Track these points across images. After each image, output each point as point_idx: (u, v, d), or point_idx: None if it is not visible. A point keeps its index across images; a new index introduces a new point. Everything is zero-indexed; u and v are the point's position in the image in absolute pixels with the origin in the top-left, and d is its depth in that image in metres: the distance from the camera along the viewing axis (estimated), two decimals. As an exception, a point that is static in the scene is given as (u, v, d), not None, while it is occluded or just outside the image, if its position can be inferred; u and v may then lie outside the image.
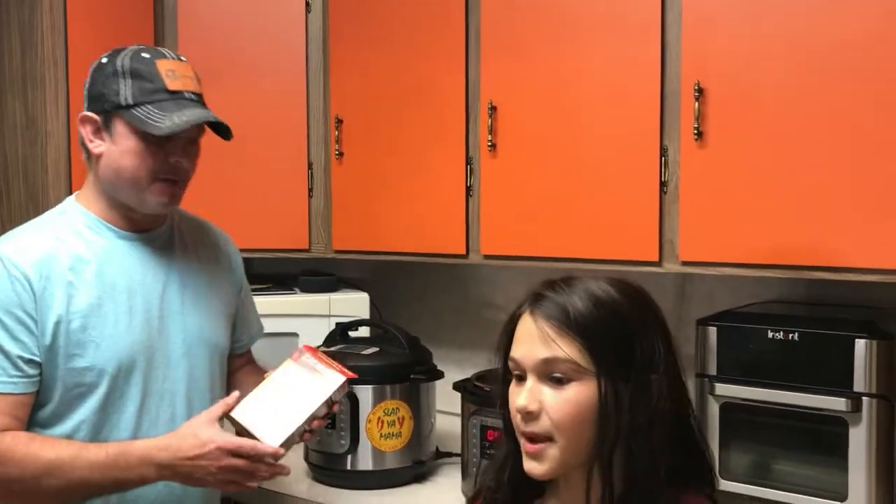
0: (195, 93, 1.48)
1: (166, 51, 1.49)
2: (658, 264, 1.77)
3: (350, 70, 2.25)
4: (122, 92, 1.42)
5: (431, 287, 2.59)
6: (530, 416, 0.97)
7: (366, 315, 2.34)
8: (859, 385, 1.54)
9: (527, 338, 1.00)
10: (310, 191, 2.33)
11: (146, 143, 1.43)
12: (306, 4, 2.30)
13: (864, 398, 1.54)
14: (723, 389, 1.67)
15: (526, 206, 1.94)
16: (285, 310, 2.29)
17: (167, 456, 1.36)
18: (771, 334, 1.63)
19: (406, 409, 1.98)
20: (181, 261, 1.57)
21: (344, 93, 2.27)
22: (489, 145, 1.98)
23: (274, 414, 1.44)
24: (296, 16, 2.31)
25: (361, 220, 2.25)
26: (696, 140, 1.69)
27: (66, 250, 1.44)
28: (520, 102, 1.94)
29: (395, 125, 2.16)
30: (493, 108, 1.97)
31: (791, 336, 1.61)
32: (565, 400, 0.96)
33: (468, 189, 2.05)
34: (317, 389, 1.48)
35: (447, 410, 2.22)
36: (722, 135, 1.67)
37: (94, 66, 1.48)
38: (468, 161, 2.04)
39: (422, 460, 2.01)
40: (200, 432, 1.37)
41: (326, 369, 1.51)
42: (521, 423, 0.99)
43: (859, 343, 1.54)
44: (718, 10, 1.66)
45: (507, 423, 1.06)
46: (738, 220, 1.66)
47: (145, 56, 1.45)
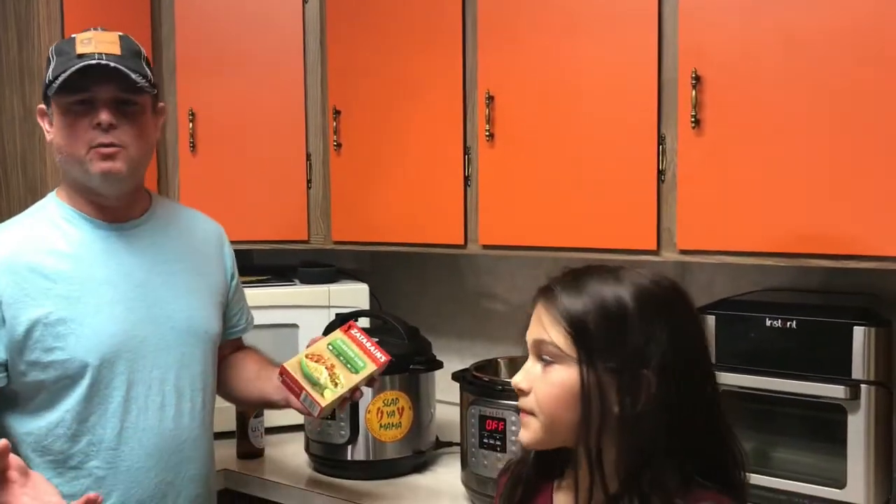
0: (109, 54, 1.42)
1: (99, 28, 1.48)
2: (656, 253, 1.77)
3: (348, 61, 2.25)
4: (48, 72, 1.45)
5: (430, 277, 2.59)
6: (521, 392, 1.04)
7: (365, 306, 2.34)
8: (857, 372, 1.54)
9: (532, 321, 1.07)
10: (308, 182, 2.33)
11: (70, 114, 1.43)
12: (303, -5, 2.30)
13: (863, 385, 1.54)
14: (721, 378, 1.63)
15: (524, 196, 1.94)
16: (285, 301, 2.29)
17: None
18: (769, 322, 1.63)
19: (406, 400, 1.98)
20: (165, 249, 1.56)
21: (342, 84, 2.26)
22: (487, 135, 1.98)
23: (325, 374, 1.54)
24: (293, 7, 2.30)
25: (360, 211, 2.25)
26: (694, 128, 1.69)
27: (43, 245, 1.44)
28: (517, 92, 1.94)
29: (393, 116, 2.16)
30: (490, 98, 1.97)
31: (789, 324, 1.61)
32: (548, 381, 1.01)
33: (466, 179, 2.04)
34: (365, 363, 1.59)
35: (447, 400, 2.22)
36: (719, 123, 1.67)
37: None
38: (466, 151, 2.04)
39: (421, 450, 2.02)
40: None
41: (373, 347, 1.63)
42: (516, 400, 1.07)
43: (857, 330, 1.54)
44: (715, -3, 1.66)
45: None
46: (736, 208, 1.66)
47: (72, 36, 1.46)
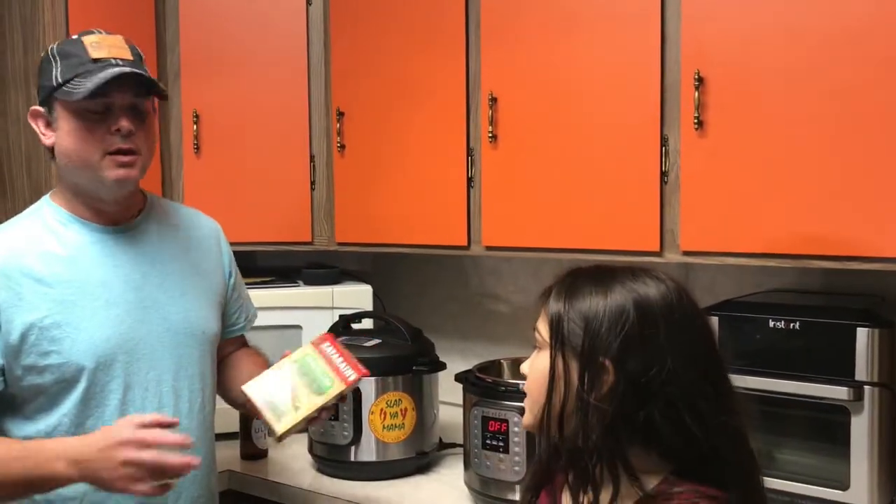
0: (124, 59, 1.43)
1: (98, 29, 1.47)
2: (659, 254, 1.77)
3: (351, 62, 2.25)
4: (53, 74, 1.42)
5: (433, 279, 2.59)
6: (523, 377, 1.14)
7: (368, 307, 2.34)
8: (861, 374, 1.54)
9: None
10: (312, 183, 2.33)
11: (83, 119, 1.41)
12: (307, -3, 2.31)
13: (866, 387, 1.54)
14: None
15: (527, 197, 1.94)
16: (288, 302, 2.30)
17: (78, 448, 1.31)
18: (773, 323, 1.63)
19: (409, 401, 1.99)
20: (161, 250, 1.56)
21: (345, 85, 2.27)
22: (490, 136, 1.98)
23: (286, 397, 1.47)
24: (297, 8, 2.31)
25: (364, 213, 2.25)
26: (697, 129, 1.69)
27: (37, 248, 1.44)
28: (520, 93, 1.94)
29: (397, 117, 2.16)
30: (493, 100, 1.97)
31: (793, 325, 1.61)
32: (533, 367, 1.11)
33: (469, 180, 2.05)
34: (332, 382, 1.50)
35: (450, 401, 2.22)
36: (722, 124, 1.67)
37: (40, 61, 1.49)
38: (469, 152, 2.04)
39: (425, 451, 2.02)
40: (113, 428, 1.31)
41: (344, 364, 1.52)
42: None
43: (861, 331, 1.54)
44: (718, -2, 1.66)
45: None
46: (739, 210, 1.66)
47: (73, 37, 1.46)
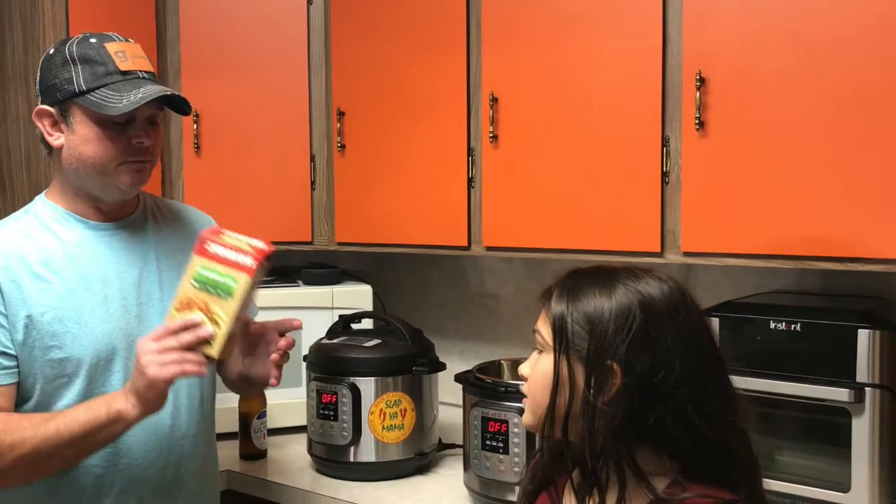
0: (148, 71, 1.46)
1: (113, 34, 1.47)
2: (660, 255, 1.77)
3: (352, 62, 2.25)
4: (74, 79, 1.40)
5: (434, 279, 2.59)
6: (523, 378, 1.13)
7: (368, 307, 2.34)
8: (862, 375, 1.53)
9: None
10: (312, 183, 2.33)
11: (105, 127, 1.41)
12: (308, -4, 2.30)
13: (867, 388, 1.53)
14: None
15: (528, 198, 1.94)
16: (288, 302, 2.29)
17: (126, 385, 1.33)
18: (773, 325, 1.62)
19: (408, 401, 1.98)
20: (157, 246, 1.56)
21: (346, 85, 2.27)
22: (491, 137, 1.98)
23: (202, 318, 1.32)
24: (298, 8, 2.31)
25: (364, 213, 2.25)
26: (698, 130, 1.68)
27: (35, 245, 1.44)
28: (521, 94, 1.94)
29: (397, 117, 2.16)
30: (494, 100, 1.97)
31: (794, 326, 1.60)
32: (535, 368, 1.09)
33: (470, 181, 2.04)
34: (236, 279, 1.33)
35: (450, 402, 2.22)
36: (723, 125, 1.66)
37: (42, 59, 1.47)
38: (470, 153, 2.04)
39: (424, 452, 2.02)
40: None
41: (237, 254, 1.35)
42: None
43: (862, 333, 1.53)
44: (720, -2, 1.66)
45: None
46: (740, 211, 1.65)
47: (93, 41, 1.43)
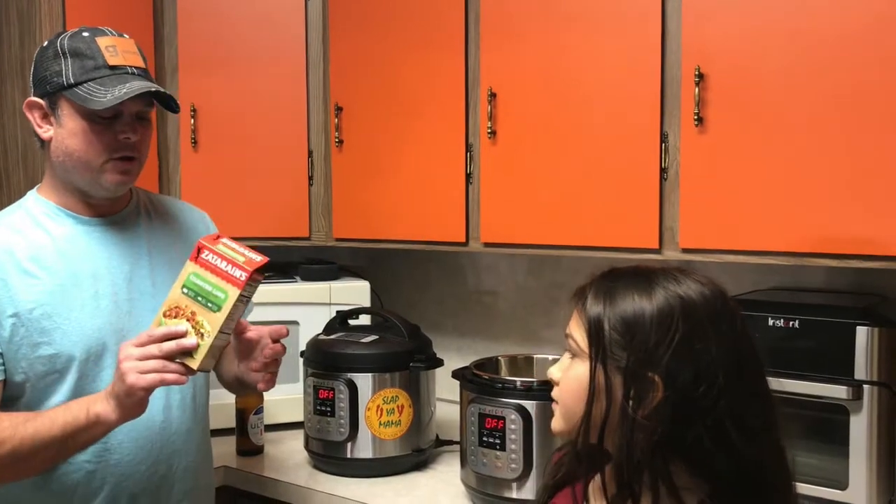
0: (138, 67, 1.45)
1: (107, 29, 1.47)
2: (658, 251, 1.76)
3: (350, 58, 2.24)
4: (63, 72, 1.40)
5: (431, 275, 2.58)
6: (553, 382, 1.08)
7: (366, 303, 2.33)
8: (860, 373, 1.53)
9: None
10: (310, 179, 2.32)
11: (92, 121, 1.41)
12: (306, -8, 2.30)
13: (866, 386, 1.53)
14: None
15: (526, 194, 1.93)
16: (286, 298, 2.29)
17: (106, 389, 1.32)
18: (772, 322, 1.62)
19: (405, 397, 1.98)
20: (149, 242, 1.55)
21: (344, 80, 2.26)
22: (489, 132, 1.97)
23: (188, 328, 1.31)
24: (295, 4, 2.30)
25: (362, 208, 2.24)
26: (697, 126, 1.68)
27: (24, 241, 1.44)
28: (520, 89, 1.93)
29: (395, 113, 2.15)
30: (492, 95, 1.96)
31: (792, 323, 1.60)
32: (569, 374, 1.05)
33: (468, 176, 2.04)
34: (225, 292, 1.32)
35: (447, 398, 2.22)
36: (722, 121, 1.66)
37: (36, 51, 1.46)
38: (468, 148, 2.03)
39: (421, 448, 2.01)
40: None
41: (229, 266, 1.33)
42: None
43: (860, 330, 1.53)
44: (719, -6, 1.65)
45: None
46: (738, 207, 1.65)
47: (85, 35, 1.43)
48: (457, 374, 1.90)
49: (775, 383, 1.57)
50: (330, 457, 2.00)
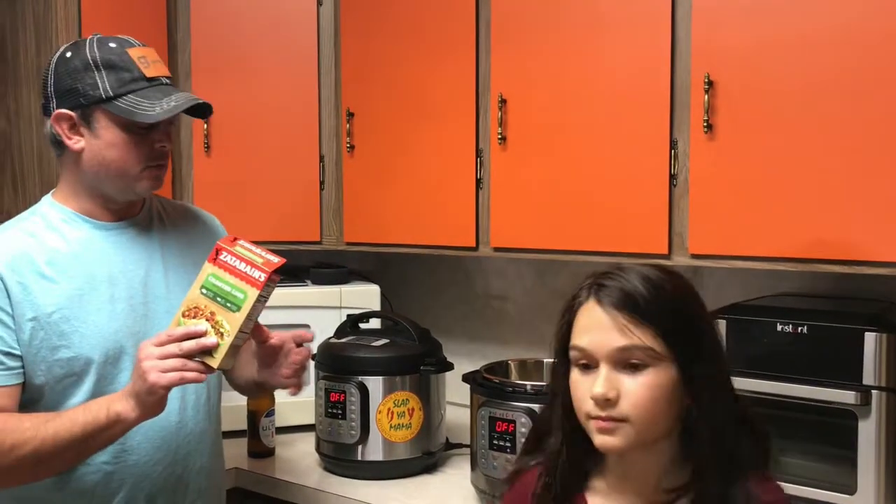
0: (168, 77, 1.49)
1: (130, 38, 1.48)
2: (667, 257, 1.77)
3: (361, 63, 2.26)
4: (100, 85, 1.41)
5: (441, 279, 2.59)
6: (608, 403, 0.99)
7: (376, 307, 2.35)
8: (868, 378, 1.54)
9: (597, 327, 1.01)
10: (321, 183, 2.34)
11: (131, 133, 1.43)
12: (318, -2, 2.32)
13: (874, 391, 1.53)
14: (732, 382, 1.66)
15: (536, 199, 1.95)
16: (296, 301, 2.31)
17: (125, 388, 1.33)
18: (780, 327, 1.63)
19: (416, 401, 1.99)
20: (163, 245, 1.57)
21: (355, 86, 2.28)
22: (499, 138, 1.98)
23: (208, 328, 1.33)
24: (307, 9, 2.32)
25: (372, 213, 2.26)
26: (706, 133, 1.69)
27: (42, 245, 1.45)
28: (530, 95, 1.95)
29: (406, 118, 2.17)
30: (503, 101, 1.98)
31: (800, 329, 1.61)
32: (643, 385, 0.99)
33: (478, 182, 2.05)
34: (244, 292, 1.34)
35: (457, 402, 2.23)
36: (732, 127, 1.67)
37: (55, 61, 1.46)
38: (478, 154, 2.05)
39: (431, 451, 2.03)
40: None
41: (248, 267, 1.36)
42: (594, 410, 1.00)
43: (869, 336, 1.54)
44: (729, 1, 1.66)
45: (561, 408, 1.08)
46: (747, 213, 1.66)
47: (113, 46, 1.44)
48: (467, 378, 1.91)
49: (784, 388, 1.60)
50: (341, 459, 2.02)
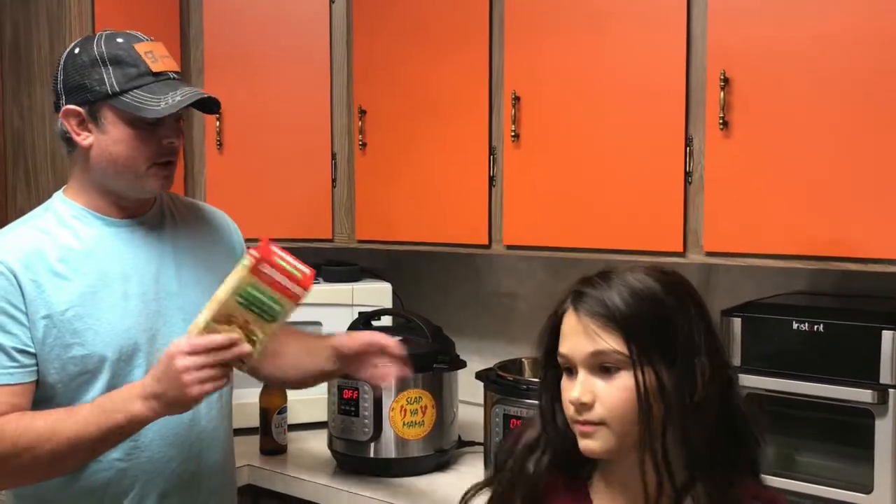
0: (176, 72, 1.47)
1: (138, 33, 1.48)
2: (682, 255, 1.77)
3: (373, 61, 2.26)
4: (106, 80, 1.41)
5: (454, 277, 2.59)
6: (584, 406, 1.01)
7: (388, 305, 2.35)
8: (885, 376, 1.53)
9: (572, 334, 1.04)
10: (333, 181, 2.34)
11: (137, 128, 1.42)
12: (330, -5, 2.31)
13: (891, 390, 1.52)
14: (747, 381, 1.65)
15: (549, 197, 1.94)
16: (308, 299, 2.24)
17: (144, 383, 1.32)
18: (796, 325, 1.62)
19: (429, 398, 1.99)
20: (174, 242, 1.57)
21: (367, 83, 2.28)
22: (512, 135, 1.98)
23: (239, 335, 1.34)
24: (320, 7, 2.32)
25: (384, 211, 2.26)
26: (722, 130, 1.68)
27: (54, 243, 1.45)
28: (543, 92, 1.94)
29: (419, 115, 2.17)
30: (516, 98, 1.97)
31: (816, 327, 1.60)
32: (616, 388, 1.00)
33: (491, 179, 2.05)
34: (282, 305, 1.36)
35: (469, 400, 2.23)
36: (747, 125, 1.66)
37: (64, 58, 1.46)
38: (491, 151, 2.04)
39: (444, 449, 2.02)
40: (165, 350, 1.32)
41: (287, 281, 1.37)
42: (574, 414, 1.03)
43: (886, 334, 1.53)
44: (745, -2, 1.66)
45: (546, 410, 1.10)
46: (763, 211, 1.65)
47: (120, 41, 1.43)
48: (481, 376, 1.91)
49: (800, 387, 1.59)
50: (353, 456, 2.02)
